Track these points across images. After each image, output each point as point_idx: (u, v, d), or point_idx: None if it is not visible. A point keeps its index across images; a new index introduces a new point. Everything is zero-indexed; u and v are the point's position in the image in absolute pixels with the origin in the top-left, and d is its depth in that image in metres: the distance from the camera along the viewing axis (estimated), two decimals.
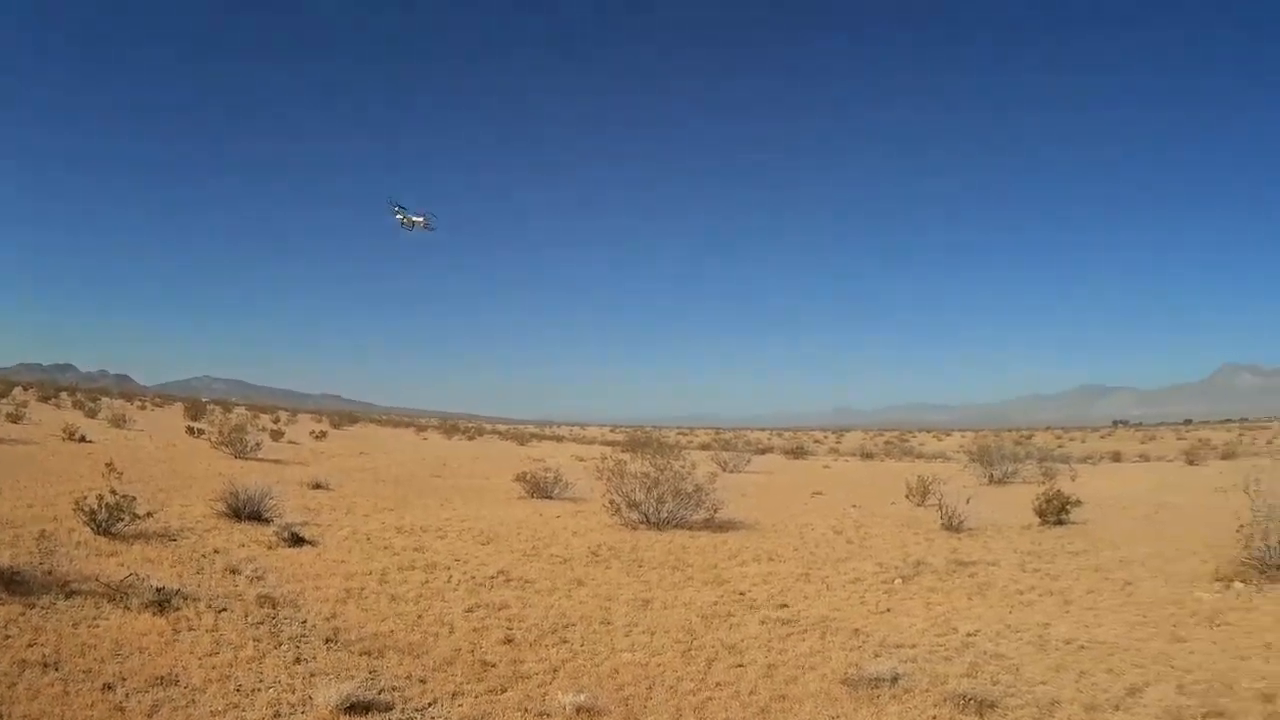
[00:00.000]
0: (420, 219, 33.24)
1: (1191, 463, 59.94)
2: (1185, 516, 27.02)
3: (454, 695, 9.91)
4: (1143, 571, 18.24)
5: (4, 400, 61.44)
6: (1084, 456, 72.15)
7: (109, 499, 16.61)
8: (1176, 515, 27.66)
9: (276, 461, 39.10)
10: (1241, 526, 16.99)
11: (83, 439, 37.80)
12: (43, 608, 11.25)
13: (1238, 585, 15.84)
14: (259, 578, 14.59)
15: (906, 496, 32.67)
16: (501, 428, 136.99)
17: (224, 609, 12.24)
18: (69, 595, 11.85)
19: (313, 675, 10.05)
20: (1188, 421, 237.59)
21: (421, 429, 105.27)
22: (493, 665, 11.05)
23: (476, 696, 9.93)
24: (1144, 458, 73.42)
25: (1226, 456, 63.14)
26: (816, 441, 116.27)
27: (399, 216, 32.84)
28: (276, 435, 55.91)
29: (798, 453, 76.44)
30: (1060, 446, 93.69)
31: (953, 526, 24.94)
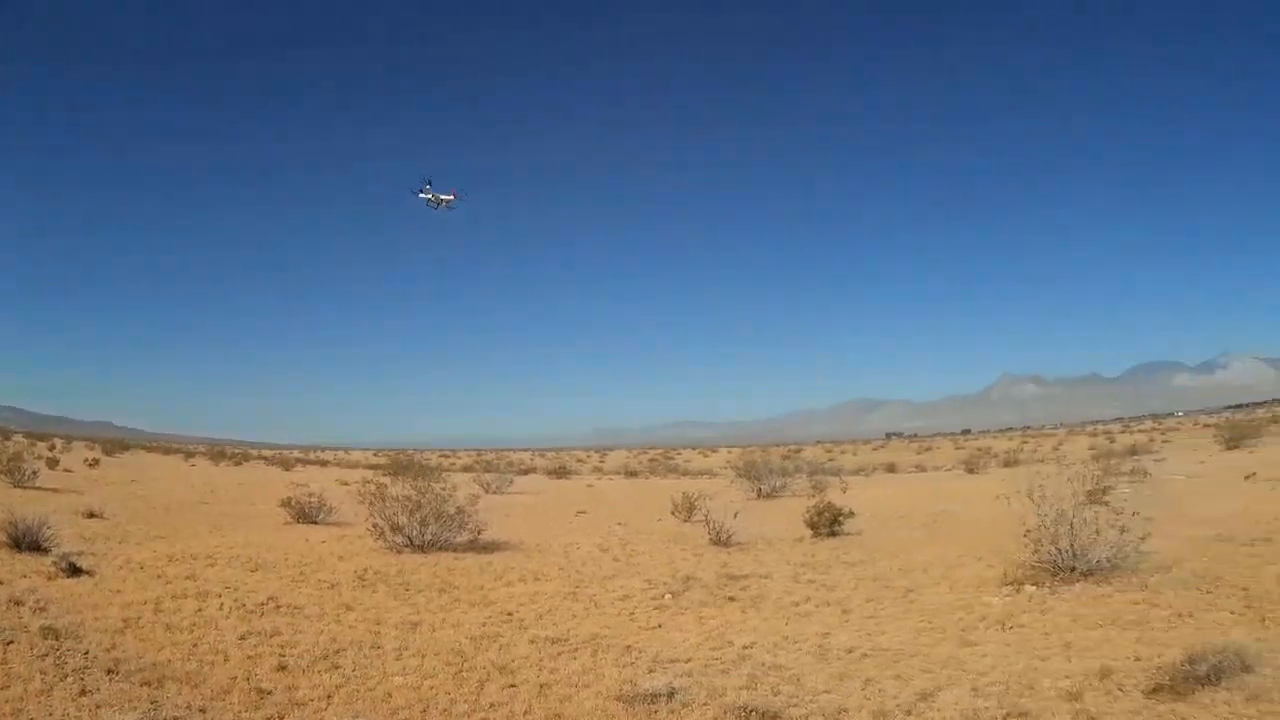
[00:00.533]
0: (448, 196, 37.44)
1: (971, 471, 64.33)
2: (967, 524, 28.65)
3: None
4: (925, 579, 19.20)
5: None
6: (857, 469, 76.54)
7: None
8: (957, 523, 29.31)
9: (54, 490, 41.40)
10: (1029, 531, 17.89)
11: None
12: None
13: (1029, 588, 16.72)
14: (42, 609, 14.94)
15: (672, 513, 34.13)
16: (267, 453, 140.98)
17: (11, 641, 12.50)
18: None
19: (99, 707, 10.30)
20: (966, 431, 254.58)
21: (190, 455, 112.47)
22: (269, 692, 11.42)
23: None
24: (920, 468, 78.59)
25: (1008, 464, 67.86)
26: (580, 461, 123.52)
27: (426, 196, 36.69)
28: (52, 463, 60.61)
29: (561, 472, 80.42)
30: (831, 460, 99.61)
31: (721, 541, 25.84)
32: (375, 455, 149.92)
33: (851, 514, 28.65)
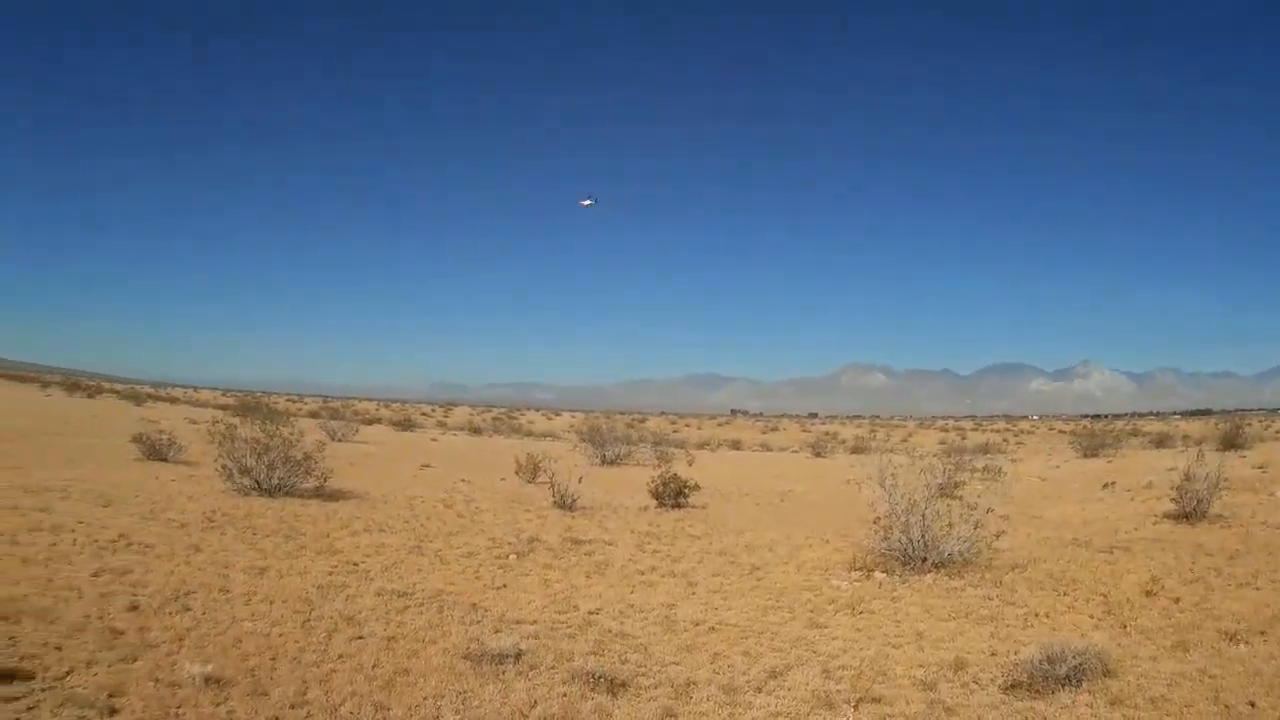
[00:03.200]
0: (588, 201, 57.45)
1: (818, 455, 65.96)
2: (814, 506, 29.39)
3: (89, 664, 10.13)
4: (771, 557, 19.53)
5: None
6: (701, 443, 78.16)
7: None
8: (804, 504, 30.06)
9: None
10: (879, 518, 18.21)
11: None
12: None
13: (879, 575, 17.03)
14: None
15: (516, 473, 34.52)
16: (119, 387, 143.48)
17: None
18: None
19: None
20: (813, 415, 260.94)
21: (45, 385, 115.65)
22: (122, 633, 11.34)
23: (110, 665, 10.17)
24: (766, 447, 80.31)
25: (856, 450, 69.36)
26: (424, 414, 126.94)
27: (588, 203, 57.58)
28: None
29: (406, 424, 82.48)
30: (676, 431, 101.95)
31: (565, 505, 26.11)
32: (224, 396, 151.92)
33: (697, 487, 29.32)
